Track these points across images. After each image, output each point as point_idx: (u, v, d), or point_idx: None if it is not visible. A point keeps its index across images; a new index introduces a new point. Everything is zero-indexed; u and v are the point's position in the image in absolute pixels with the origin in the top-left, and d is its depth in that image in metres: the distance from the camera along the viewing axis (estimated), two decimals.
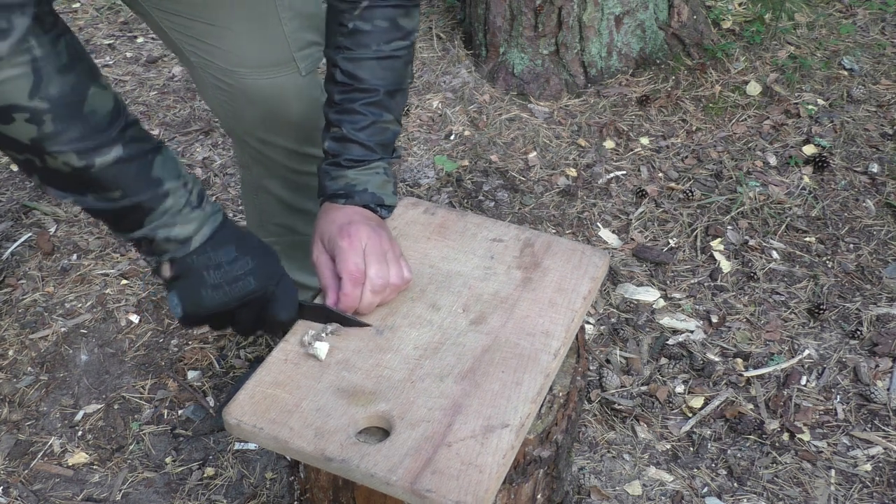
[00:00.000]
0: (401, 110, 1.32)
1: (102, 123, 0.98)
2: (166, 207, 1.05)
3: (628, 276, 2.29)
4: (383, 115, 1.28)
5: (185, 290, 1.10)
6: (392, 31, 1.26)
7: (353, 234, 1.20)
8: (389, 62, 1.27)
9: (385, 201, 1.30)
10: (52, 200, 2.55)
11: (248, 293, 1.11)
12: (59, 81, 0.94)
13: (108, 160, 0.99)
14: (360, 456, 1.04)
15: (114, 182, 1.01)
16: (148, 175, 1.02)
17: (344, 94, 1.27)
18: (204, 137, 2.81)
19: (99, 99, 0.98)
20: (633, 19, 2.88)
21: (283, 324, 1.17)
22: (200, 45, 1.44)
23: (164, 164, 1.04)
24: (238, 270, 1.10)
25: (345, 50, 1.26)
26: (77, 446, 1.91)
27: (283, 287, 1.15)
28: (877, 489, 1.80)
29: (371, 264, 1.19)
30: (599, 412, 1.96)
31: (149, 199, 1.03)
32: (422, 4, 3.38)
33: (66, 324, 2.16)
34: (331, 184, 1.29)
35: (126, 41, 3.33)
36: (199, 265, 1.08)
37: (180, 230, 1.07)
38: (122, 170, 1.00)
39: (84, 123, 0.96)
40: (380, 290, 1.20)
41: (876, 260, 2.31)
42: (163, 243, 1.07)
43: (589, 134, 2.76)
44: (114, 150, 0.99)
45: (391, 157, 1.32)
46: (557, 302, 1.26)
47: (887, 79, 2.95)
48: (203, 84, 1.51)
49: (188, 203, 1.07)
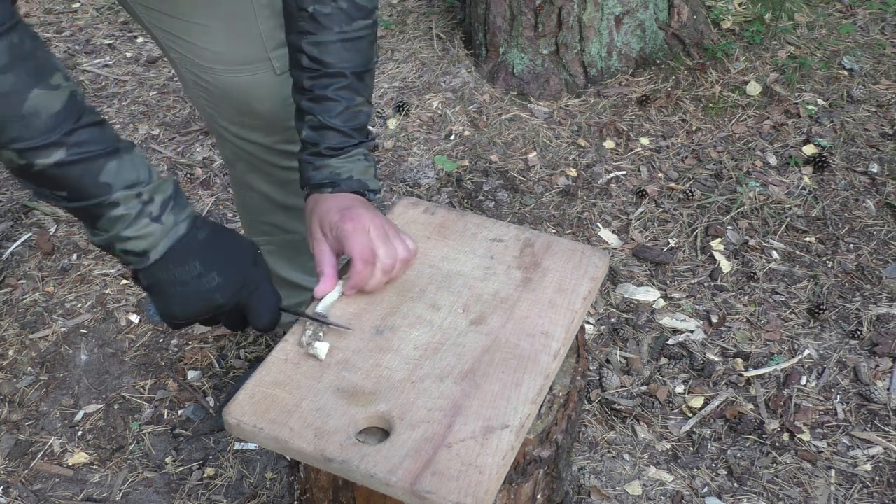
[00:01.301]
0: (370, 91, 1.32)
1: (45, 125, 0.96)
2: (115, 216, 1.02)
3: (628, 276, 2.29)
4: (355, 99, 1.28)
5: (157, 300, 1.10)
6: (353, 12, 1.25)
7: (356, 217, 1.21)
8: (354, 43, 1.26)
9: (370, 186, 1.30)
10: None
11: (217, 307, 1.10)
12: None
13: (48, 162, 0.98)
14: (360, 456, 1.04)
15: (58, 183, 1.00)
16: (94, 180, 1.00)
17: (313, 79, 1.27)
18: (204, 137, 2.81)
19: (43, 100, 0.96)
20: (633, 19, 2.88)
21: (261, 329, 1.17)
22: (180, 41, 1.45)
23: (118, 170, 1.01)
24: (204, 287, 1.08)
25: (308, 35, 1.25)
26: (77, 446, 1.91)
27: (258, 295, 1.14)
28: (877, 489, 1.80)
29: (379, 245, 1.21)
30: (599, 412, 1.96)
31: (94, 205, 1.01)
32: (422, 4, 3.38)
33: (66, 324, 2.16)
34: (315, 174, 1.29)
35: (126, 41, 3.33)
36: (166, 279, 1.07)
37: (136, 244, 1.05)
38: (65, 172, 0.99)
39: (24, 124, 0.96)
40: (389, 269, 1.23)
41: (876, 260, 2.31)
42: (122, 255, 1.06)
43: (589, 134, 2.76)
44: (56, 153, 0.98)
45: (367, 140, 1.33)
46: (557, 302, 1.26)
47: (887, 79, 2.95)
48: (184, 79, 1.53)
49: (144, 213, 1.04)
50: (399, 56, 3.10)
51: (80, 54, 3.23)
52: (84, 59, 3.20)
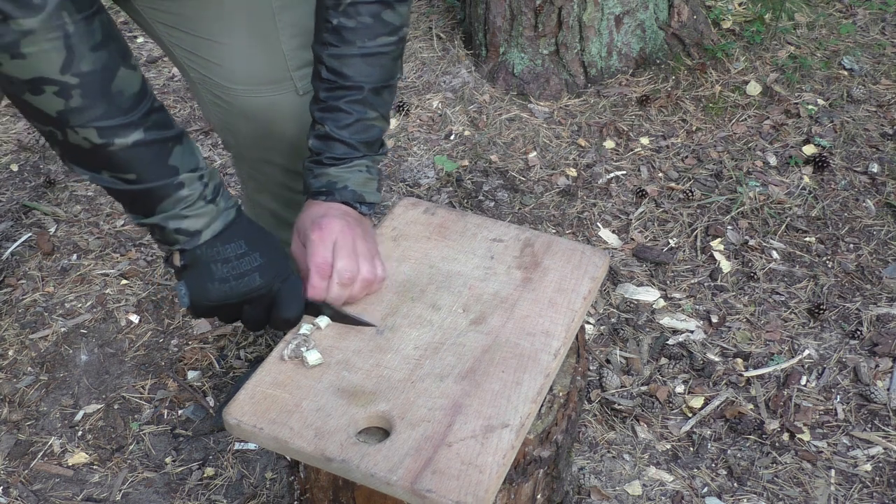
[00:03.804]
0: (388, 107, 1.31)
1: (127, 104, 1.00)
2: (179, 197, 1.06)
3: (628, 276, 2.29)
4: (367, 113, 1.28)
5: (193, 281, 1.12)
6: (377, 28, 1.25)
7: (324, 227, 1.21)
8: (375, 59, 1.26)
9: (366, 198, 1.29)
10: (53, 200, 2.55)
11: (253, 289, 1.12)
12: (90, 59, 0.96)
13: (126, 142, 1.01)
14: (360, 456, 1.04)
15: (129, 164, 1.03)
16: (164, 162, 1.04)
17: (328, 91, 1.27)
18: (204, 137, 2.81)
19: (127, 80, 1.00)
20: (633, 19, 2.88)
21: (288, 321, 1.17)
22: (199, 60, 1.43)
23: (182, 154, 1.06)
24: (245, 266, 1.11)
25: (330, 46, 1.25)
26: (77, 446, 1.91)
27: (289, 285, 1.16)
28: (877, 489, 1.80)
29: (339, 258, 1.19)
30: (599, 412, 1.96)
31: (162, 186, 1.05)
32: (422, 4, 3.38)
33: (66, 324, 2.16)
34: (313, 181, 1.29)
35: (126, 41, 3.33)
36: (208, 258, 1.10)
37: (191, 223, 1.08)
38: (140, 153, 1.02)
39: (109, 102, 0.98)
40: (347, 283, 1.20)
41: (876, 260, 2.31)
42: (173, 234, 1.09)
43: (589, 134, 2.76)
44: (134, 133, 1.01)
45: (377, 154, 1.32)
46: (557, 302, 1.26)
47: (887, 79, 2.95)
48: (201, 99, 1.51)
49: (202, 196, 1.08)
50: None
51: None
52: None
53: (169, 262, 1.13)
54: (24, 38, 0.92)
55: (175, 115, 2.92)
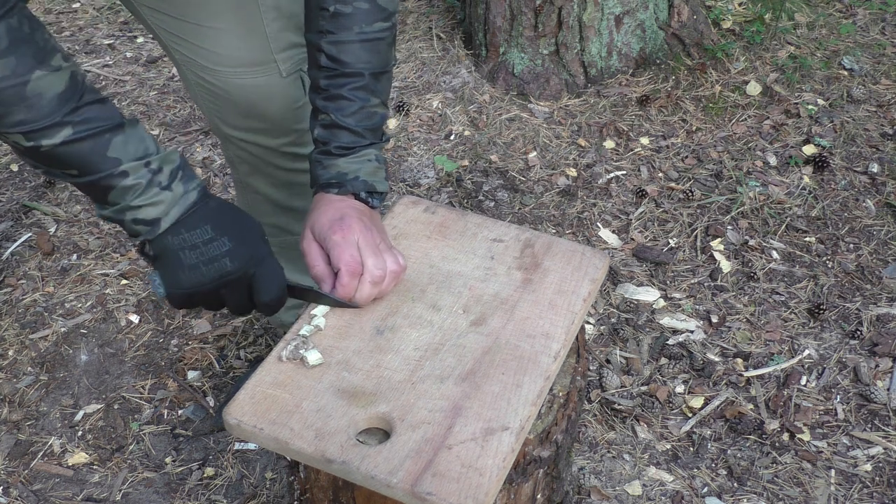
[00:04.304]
0: (387, 93, 1.32)
1: (49, 107, 0.99)
2: (125, 186, 1.05)
3: (628, 276, 2.29)
4: (370, 100, 1.28)
5: (165, 270, 1.11)
6: (374, 13, 1.25)
7: (346, 228, 1.21)
8: (373, 44, 1.26)
9: (377, 188, 1.30)
10: (53, 200, 2.55)
11: (224, 273, 1.11)
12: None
13: (54, 142, 1.00)
14: (360, 457, 1.03)
15: (66, 160, 1.02)
16: (103, 154, 1.03)
17: (329, 79, 1.27)
18: (204, 137, 2.81)
19: (45, 82, 0.98)
20: (633, 19, 2.88)
21: (269, 305, 1.16)
22: (185, 43, 1.45)
23: (125, 143, 1.05)
24: (214, 251, 1.10)
25: (328, 34, 1.25)
26: (77, 446, 1.91)
27: (265, 268, 1.15)
28: (877, 489, 1.80)
29: (367, 256, 1.20)
30: (599, 412, 1.96)
31: (104, 177, 1.04)
32: (422, 4, 3.38)
33: (66, 324, 2.16)
34: (323, 173, 1.29)
35: (126, 41, 3.33)
36: (175, 246, 1.09)
37: (147, 211, 1.07)
38: (73, 150, 1.02)
39: (28, 106, 0.98)
40: (378, 281, 1.21)
41: (876, 260, 2.31)
42: (132, 224, 1.08)
43: (589, 134, 2.76)
44: (61, 132, 1.00)
45: (380, 141, 1.32)
46: (558, 304, 1.26)
47: (887, 79, 2.95)
48: (188, 82, 1.53)
49: (154, 183, 1.06)
50: (399, 56, 3.10)
51: (80, 54, 3.23)
52: (84, 59, 3.19)
53: (142, 253, 1.13)
54: None
55: (175, 115, 2.92)
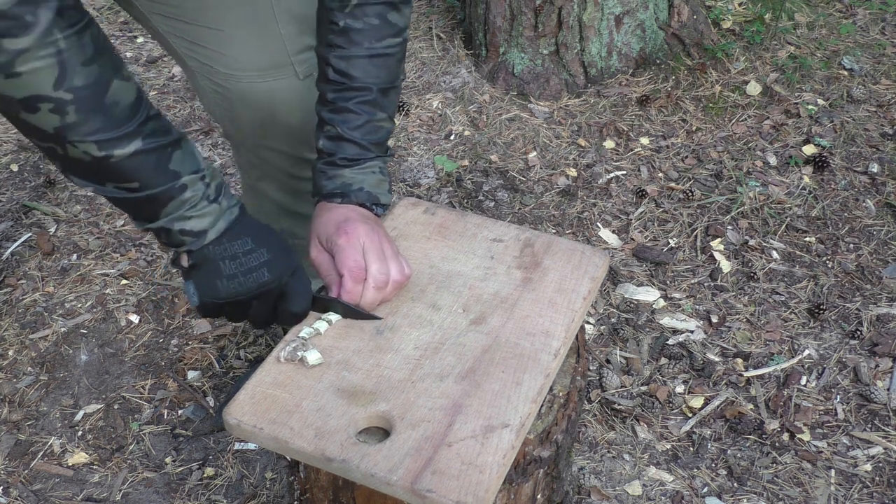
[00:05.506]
0: (394, 108, 1.33)
1: (123, 115, 1.00)
2: (183, 199, 1.07)
3: (628, 276, 2.29)
4: (377, 114, 1.29)
5: (201, 280, 1.12)
6: (383, 29, 1.26)
7: (350, 232, 1.21)
8: (382, 60, 1.27)
9: (380, 200, 1.30)
10: (53, 200, 2.55)
11: (262, 284, 1.13)
12: (83, 73, 0.96)
13: (126, 152, 1.01)
14: (360, 456, 1.04)
15: (131, 173, 1.03)
16: (166, 168, 1.05)
17: (337, 92, 1.28)
18: (204, 137, 2.81)
19: (121, 91, 1.00)
20: (633, 19, 2.88)
21: (296, 315, 1.18)
22: (198, 49, 1.44)
23: (182, 157, 1.07)
24: (253, 262, 1.12)
25: (337, 48, 1.26)
26: (77, 446, 1.91)
27: (297, 279, 1.17)
28: (877, 489, 1.80)
29: (372, 261, 1.21)
30: (599, 412, 1.96)
31: (165, 191, 1.06)
32: (422, 4, 3.38)
33: (66, 324, 2.16)
34: (327, 183, 1.29)
35: (126, 41, 3.33)
36: (216, 255, 1.11)
37: (196, 223, 1.09)
38: (140, 162, 1.03)
39: (105, 115, 0.99)
40: (382, 286, 1.22)
41: (876, 260, 2.31)
42: (179, 235, 1.09)
43: (589, 134, 2.76)
44: (133, 143, 1.01)
45: (385, 155, 1.33)
46: (557, 302, 1.26)
47: (887, 79, 2.95)
48: (201, 89, 1.51)
49: (205, 196, 1.09)
50: None
51: None
52: None
53: (176, 263, 1.14)
54: (18, 56, 0.92)
55: (175, 115, 2.92)
